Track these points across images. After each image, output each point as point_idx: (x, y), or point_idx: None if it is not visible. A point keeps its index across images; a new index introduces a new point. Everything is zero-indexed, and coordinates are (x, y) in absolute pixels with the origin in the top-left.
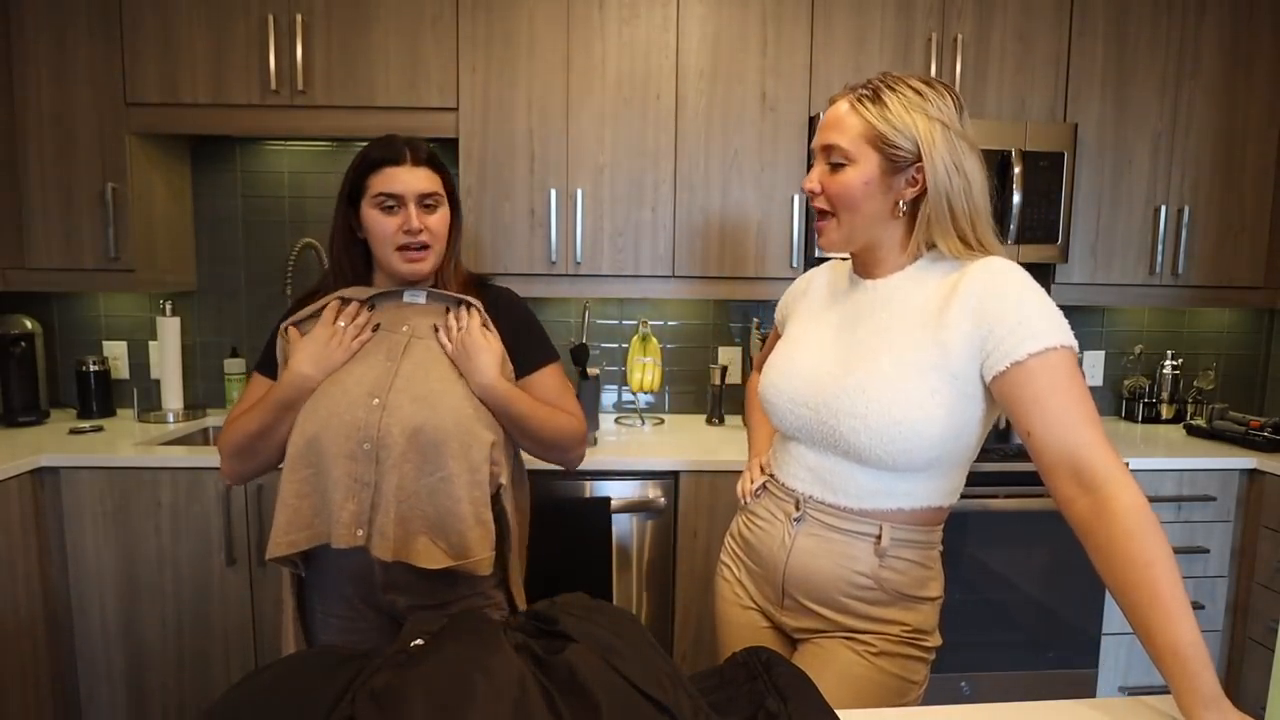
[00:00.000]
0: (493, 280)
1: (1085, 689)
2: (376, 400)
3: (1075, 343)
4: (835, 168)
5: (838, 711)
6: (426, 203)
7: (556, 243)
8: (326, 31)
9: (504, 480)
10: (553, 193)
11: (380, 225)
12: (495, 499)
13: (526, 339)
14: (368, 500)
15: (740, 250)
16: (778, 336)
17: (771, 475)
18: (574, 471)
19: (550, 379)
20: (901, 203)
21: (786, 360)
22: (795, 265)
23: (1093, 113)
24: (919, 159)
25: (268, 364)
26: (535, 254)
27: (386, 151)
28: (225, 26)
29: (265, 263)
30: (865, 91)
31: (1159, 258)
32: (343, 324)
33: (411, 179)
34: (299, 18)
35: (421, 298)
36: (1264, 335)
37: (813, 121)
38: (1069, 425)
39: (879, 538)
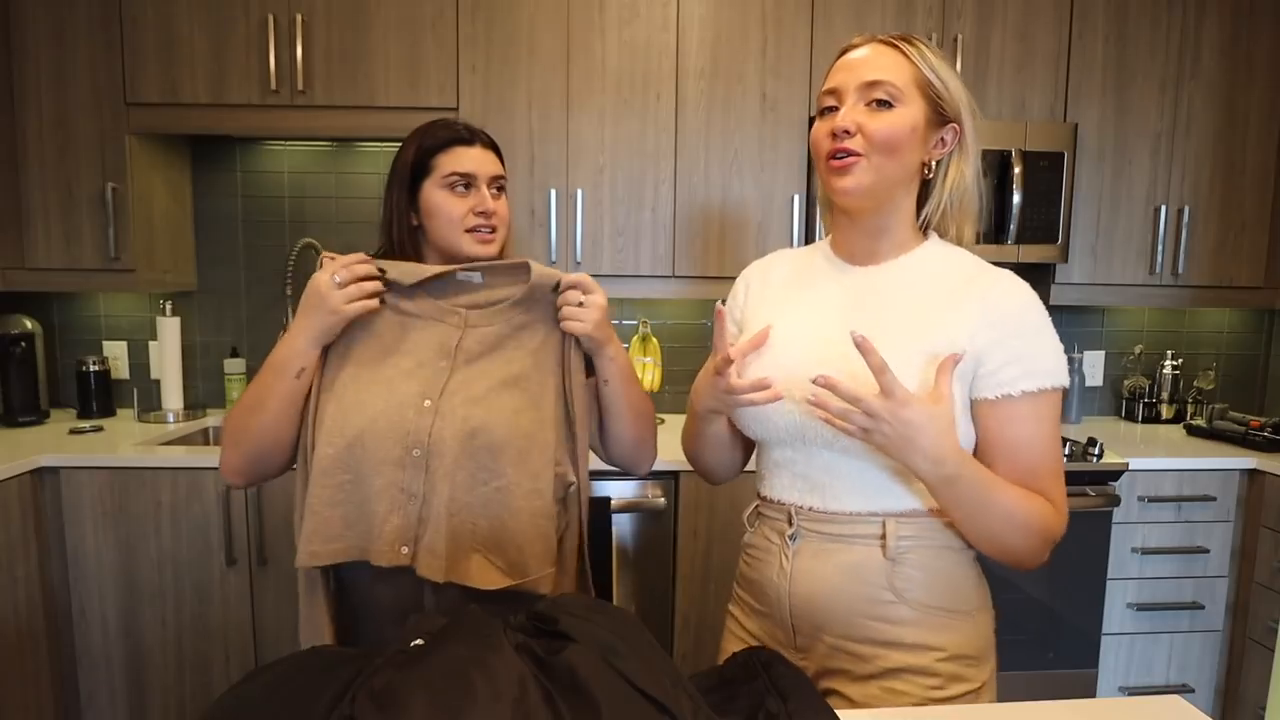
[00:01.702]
0: None
1: (1085, 689)
2: (429, 402)
3: (1067, 380)
4: (879, 106)
5: (839, 713)
6: (497, 185)
7: (556, 243)
8: (326, 31)
9: (574, 477)
10: (553, 193)
11: (450, 206)
12: (565, 502)
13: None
14: (415, 514)
15: (740, 250)
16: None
17: (763, 498)
18: None
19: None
20: (932, 164)
21: (771, 359)
22: None
23: (1093, 113)
24: (956, 118)
25: None
26: (535, 254)
27: (453, 132)
28: (225, 26)
29: (265, 263)
30: (899, 38)
31: (1159, 258)
32: (337, 278)
33: (483, 160)
34: (299, 18)
35: (477, 276)
36: (1264, 335)
37: (813, 121)
38: (1035, 477)
39: (884, 535)
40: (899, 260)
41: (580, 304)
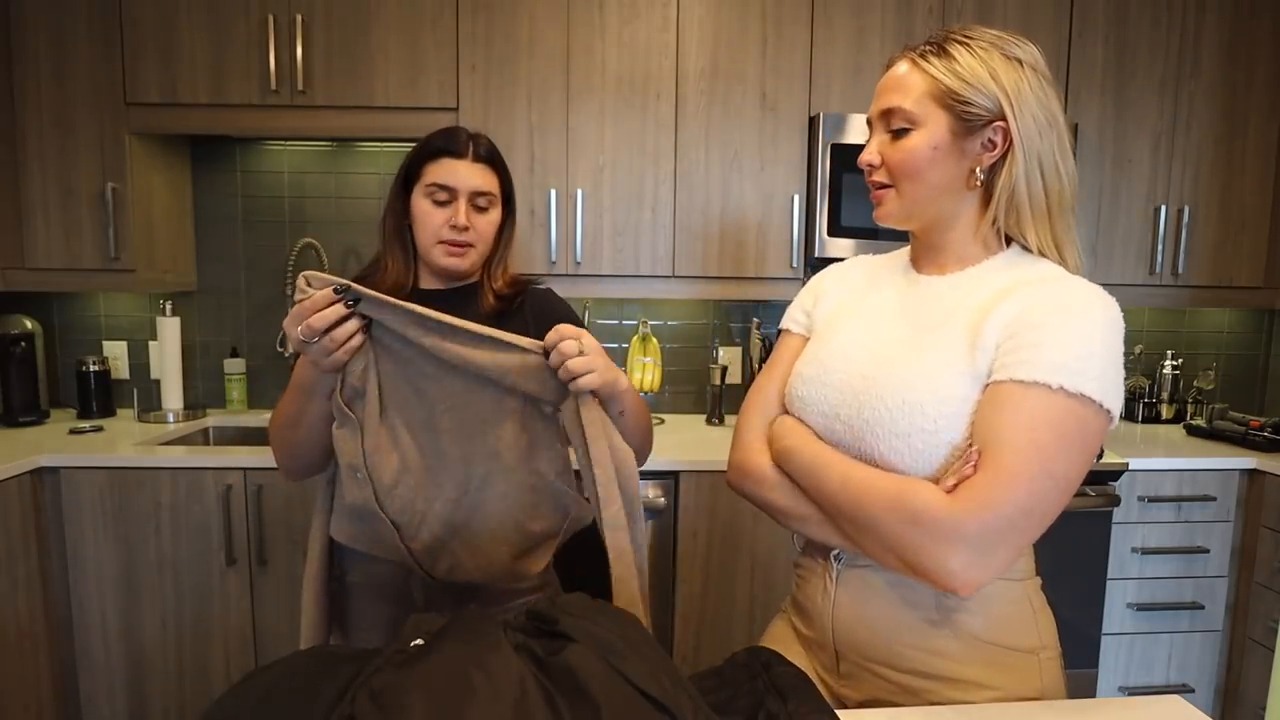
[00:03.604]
0: (539, 283)
1: (1085, 689)
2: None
3: (1106, 407)
4: (897, 135)
5: (838, 713)
6: (479, 202)
7: (556, 243)
8: (326, 31)
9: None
10: (553, 192)
11: (427, 216)
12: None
13: None
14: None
15: (740, 250)
16: (793, 353)
17: None
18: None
19: None
20: (978, 170)
21: (816, 366)
22: (795, 265)
23: (1093, 113)
24: (998, 117)
25: None
26: (535, 254)
27: (448, 142)
28: (225, 26)
29: (265, 263)
30: (928, 47)
31: (1159, 257)
32: (301, 335)
33: (469, 174)
34: (299, 18)
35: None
36: (1264, 335)
37: (813, 121)
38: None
39: None
40: (966, 272)
41: (580, 352)
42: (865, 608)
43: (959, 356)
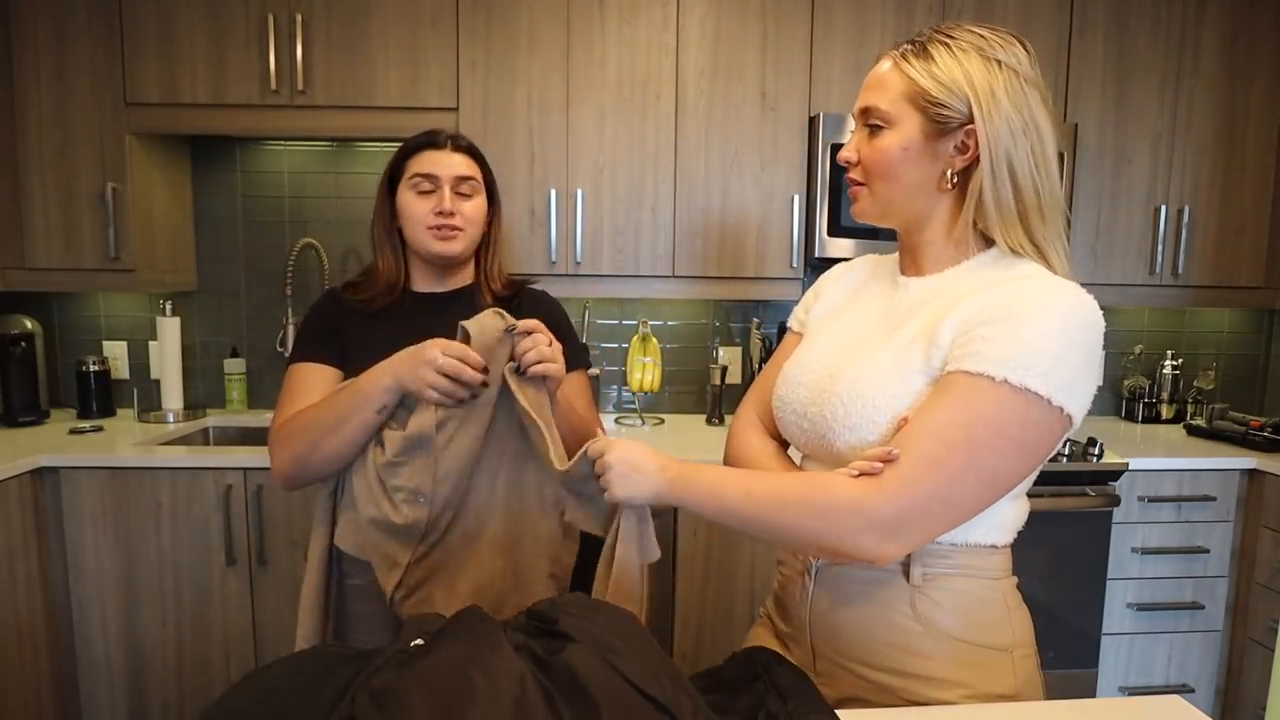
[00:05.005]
0: (534, 283)
1: (1085, 689)
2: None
3: (1057, 404)
4: (873, 132)
5: (838, 712)
6: (462, 189)
7: (556, 242)
8: (326, 31)
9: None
10: (553, 192)
11: (413, 206)
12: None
13: (563, 340)
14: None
15: (740, 250)
16: (789, 350)
17: None
18: None
19: (582, 383)
20: (950, 172)
21: (795, 365)
22: (795, 265)
23: (1093, 113)
24: (970, 120)
25: (312, 350)
26: (535, 254)
27: (428, 137)
28: (225, 26)
29: (265, 263)
30: (910, 47)
31: (1159, 258)
32: (441, 361)
33: (450, 161)
34: (299, 17)
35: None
36: (1264, 335)
37: (813, 121)
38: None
39: (907, 560)
40: (944, 273)
41: (550, 343)
42: (842, 606)
43: (915, 354)
